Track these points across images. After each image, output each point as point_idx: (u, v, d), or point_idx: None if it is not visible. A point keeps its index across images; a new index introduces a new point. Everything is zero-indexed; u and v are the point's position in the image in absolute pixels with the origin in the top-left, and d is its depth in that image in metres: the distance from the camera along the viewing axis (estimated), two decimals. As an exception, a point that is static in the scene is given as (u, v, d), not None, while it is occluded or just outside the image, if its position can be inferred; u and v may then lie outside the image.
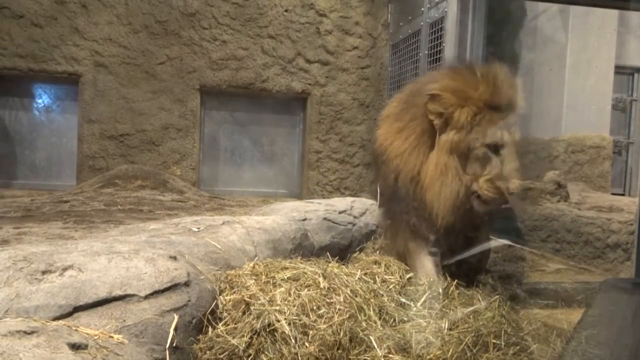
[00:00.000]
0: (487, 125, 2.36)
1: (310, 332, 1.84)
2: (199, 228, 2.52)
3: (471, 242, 2.78)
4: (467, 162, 2.41)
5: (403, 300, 2.34)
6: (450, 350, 1.92)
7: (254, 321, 1.83)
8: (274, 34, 6.80)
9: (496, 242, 3.57)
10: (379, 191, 3.04)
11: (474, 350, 1.98)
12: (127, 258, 1.81)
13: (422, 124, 2.52)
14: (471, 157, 2.40)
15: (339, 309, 1.95)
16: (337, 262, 2.48)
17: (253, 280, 2.02)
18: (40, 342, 1.29)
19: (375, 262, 2.71)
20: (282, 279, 2.05)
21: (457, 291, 2.46)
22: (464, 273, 2.70)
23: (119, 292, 1.65)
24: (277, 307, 1.87)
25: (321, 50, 6.91)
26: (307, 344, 1.80)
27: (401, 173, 2.60)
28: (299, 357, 1.77)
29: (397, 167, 2.62)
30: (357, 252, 3.21)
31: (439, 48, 4.87)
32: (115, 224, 3.75)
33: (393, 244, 2.97)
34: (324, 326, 1.86)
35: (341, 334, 1.86)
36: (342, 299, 2.01)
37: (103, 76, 6.46)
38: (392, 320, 2.14)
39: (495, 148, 2.37)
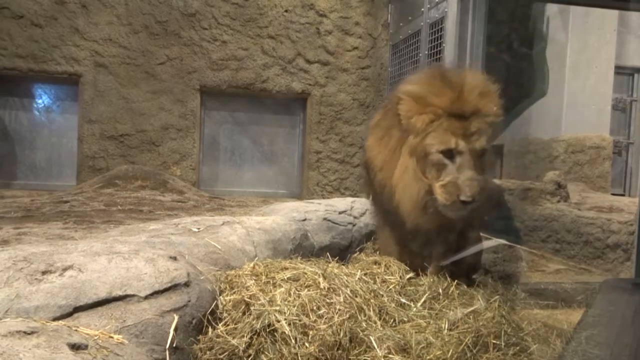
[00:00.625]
0: (442, 132, 2.37)
1: (310, 332, 1.84)
2: (199, 228, 2.52)
3: (463, 242, 2.79)
4: (426, 167, 2.44)
5: (403, 300, 2.34)
6: (450, 350, 1.92)
7: (254, 321, 1.83)
8: (274, 34, 6.80)
9: (494, 242, 3.57)
10: (371, 201, 3.10)
11: (474, 351, 1.98)
12: (127, 258, 1.81)
13: (398, 127, 2.56)
14: (428, 162, 2.42)
15: (339, 309, 1.95)
16: (337, 262, 2.48)
17: (253, 281, 2.02)
18: (40, 342, 1.29)
19: (375, 263, 2.71)
20: (282, 279, 2.05)
21: (457, 291, 2.46)
22: (459, 271, 2.70)
23: (119, 293, 1.65)
24: (277, 308, 1.87)
25: (321, 51, 6.92)
26: (307, 344, 1.80)
27: (386, 182, 2.64)
28: (299, 358, 1.77)
29: (383, 179, 2.66)
30: (357, 253, 3.22)
31: (439, 48, 4.87)
32: (115, 224, 3.75)
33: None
34: (324, 326, 1.86)
35: (341, 334, 1.86)
36: (342, 300, 2.01)
37: (103, 76, 6.47)
38: (392, 320, 2.14)
39: (451, 155, 2.37)
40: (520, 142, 6.36)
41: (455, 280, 2.53)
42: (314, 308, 1.92)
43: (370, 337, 1.91)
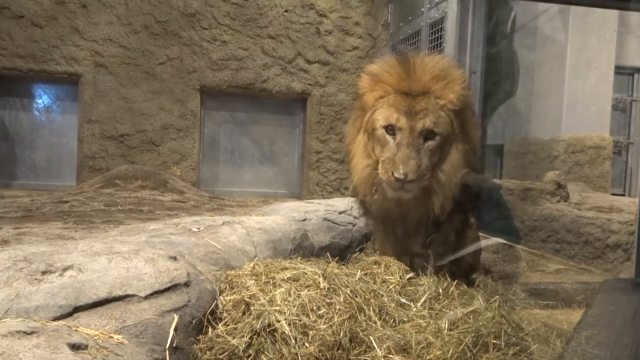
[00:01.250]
0: (387, 108, 2.40)
1: (310, 332, 1.84)
2: (199, 228, 2.52)
3: (460, 240, 2.78)
4: (374, 143, 2.47)
5: (403, 300, 2.34)
6: (450, 350, 1.92)
7: (254, 321, 1.82)
8: (274, 34, 6.80)
9: (494, 242, 3.57)
10: (351, 192, 3.10)
11: (474, 351, 1.98)
12: (127, 258, 1.81)
13: (362, 106, 2.60)
14: (375, 138, 2.45)
15: (339, 309, 1.95)
16: (337, 262, 2.48)
17: (253, 281, 2.02)
18: (40, 342, 1.29)
19: (375, 263, 2.70)
20: (282, 279, 2.05)
21: (457, 291, 2.46)
22: (459, 271, 2.69)
23: (119, 293, 1.65)
24: (277, 308, 1.87)
25: (321, 51, 6.92)
26: (307, 344, 1.80)
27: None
28: (299, 358, 1.77)
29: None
30: (357, 253, 3.22)
31: (439, 48, 4.87)
32: (115, 224, 3.75)
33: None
34: (324, 326, 1.86)
35: (341, 334, 1.86)
36: (342, 299, 2.01)
37: (103, 76, 6.47)
38: (392, 320, 2.14)
39: (392, 131, 2.38)
40: (520, 142, 6.35)
41: (455, 280, 2.53)
42: (314, 308, 1.92)
43: (370, 337, 1.91)
